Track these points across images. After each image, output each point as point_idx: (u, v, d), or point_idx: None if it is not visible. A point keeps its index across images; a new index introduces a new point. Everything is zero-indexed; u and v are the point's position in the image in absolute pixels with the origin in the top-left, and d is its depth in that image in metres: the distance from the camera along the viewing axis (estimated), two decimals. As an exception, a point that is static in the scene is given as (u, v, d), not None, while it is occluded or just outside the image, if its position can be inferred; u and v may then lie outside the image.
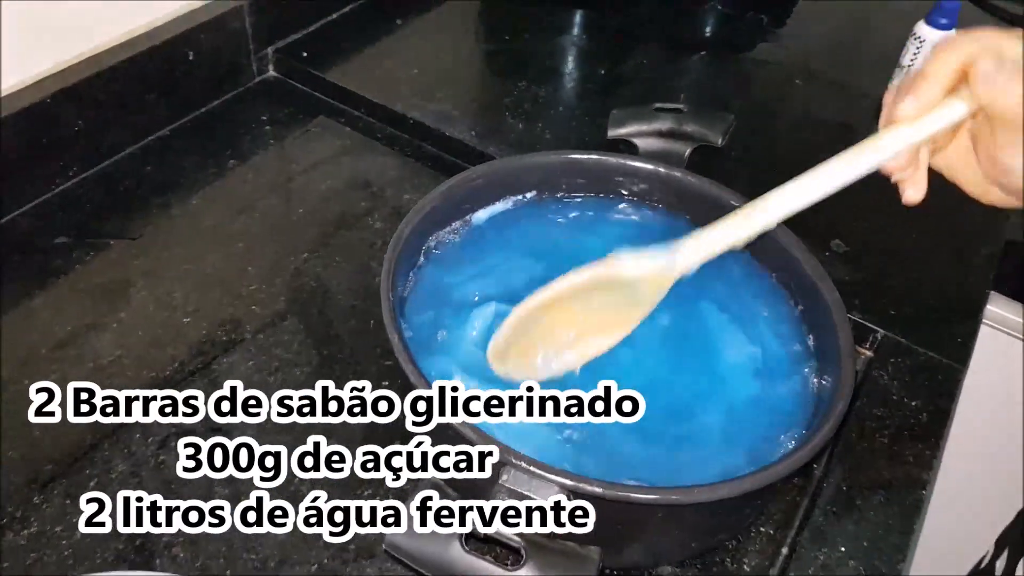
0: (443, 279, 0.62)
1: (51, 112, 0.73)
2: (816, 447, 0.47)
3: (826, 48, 1.07)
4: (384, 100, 0.89)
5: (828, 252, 0.75)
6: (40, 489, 0.56)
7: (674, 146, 0.70)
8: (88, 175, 0.79)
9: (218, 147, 0.84)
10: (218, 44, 0.86)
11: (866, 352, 0.69)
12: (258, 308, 0.69)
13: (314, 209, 0.79)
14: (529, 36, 1.04)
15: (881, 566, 0.55)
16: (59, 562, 0.53)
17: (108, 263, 0.71)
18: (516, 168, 0.66)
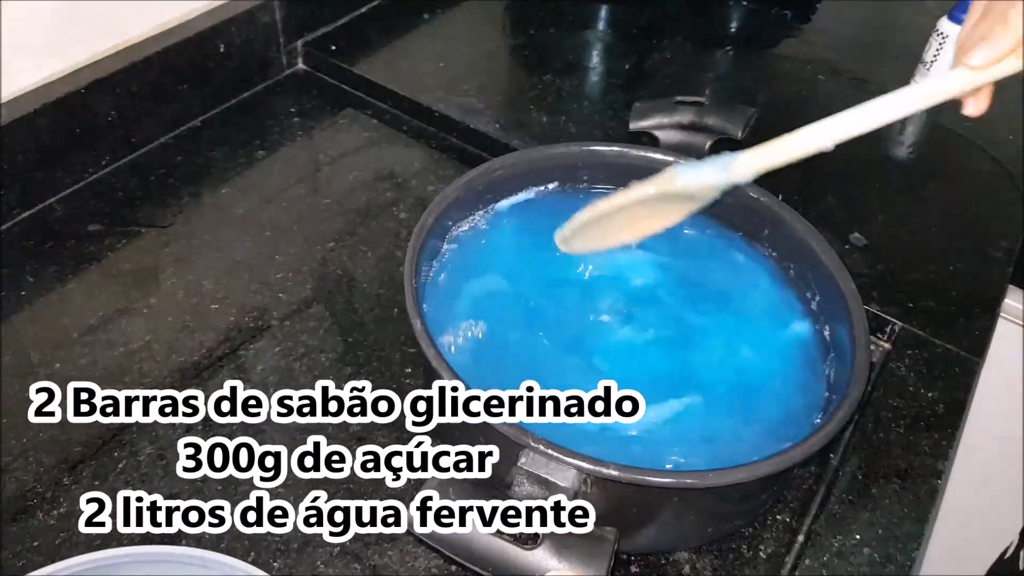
0: (466, 268, 0.63)
1: (85, 102, 0.75)
2: (830, 433, 0.48)
3: (850, 44, 1.07)
4: (410, 93, 0.90)
5: (847, 245, 0.76)
6: (70, 470, 0.58)
7: (695, 139, 0.71)
8: (121, 164, 0.81)
9: (248, 138, 0.86)
10: (249, 37, 0.88)
11: (883, 344, 0.70)
12: (285, 296, 0.71)
13: (341, 199, 0.80)
14: (555, 30, 1.05)
15: (896, 554, 0.56)
16: (87, 541, 0.54)
17: (139, 250, 0.73)
18: (537, 159, 0.67)
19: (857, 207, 0.81)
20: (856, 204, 0.81)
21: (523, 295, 0.62)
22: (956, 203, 0.82)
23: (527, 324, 0.61)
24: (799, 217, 0.62)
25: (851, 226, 0.78)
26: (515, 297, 0.62)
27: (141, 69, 0.78)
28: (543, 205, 0.68)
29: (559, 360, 0.58)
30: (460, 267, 0.64)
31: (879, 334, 0.70)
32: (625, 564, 0.56)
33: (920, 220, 0.80)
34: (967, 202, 0.83)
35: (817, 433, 0.48)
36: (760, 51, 1.07)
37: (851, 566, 0.55)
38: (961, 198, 0.84)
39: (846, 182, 0.83)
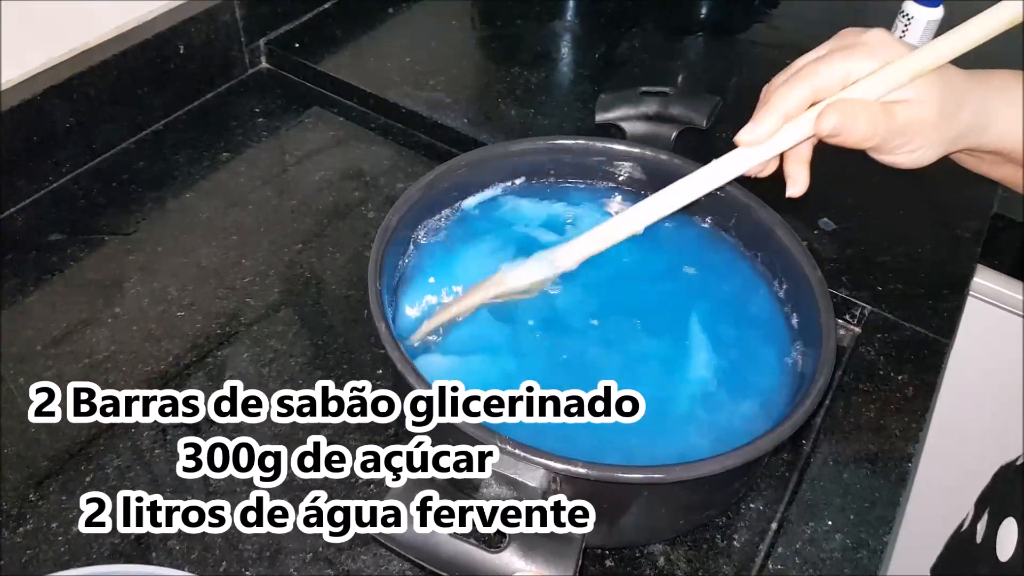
0: (432, 267, 0.63)
1: (43, 109, 0.74)
2: (796, 423, 0.48)
3: (818, 28, 1.06)
4: (377, 89, 0.90)
5: (817, 230, 0.76)
6: (36, 486, 0.57)
7: (661, 129, 0.70)
8: (81, 171, 0.80)
9: (211, 140, 0.85)
10: (209, 37, 0.87)
11: (853, 328, 0.70)
12: (253, 300, 0.70)
13: (308, 200, 0.79)
14: (522, 22, 1.04)
15: (868, 538, 0.56)
16: (55, 558, 0.53)
17: (103, 259, 0.72)
18: (502, 155, 0.66)
19: (826, 192, 0.80)
20: (825, 189, 0.81)
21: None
22: (925, 186, 0.82)
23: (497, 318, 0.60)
24: (764, 205, 0.62)
25: (820, 211, 0.78)
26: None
27: (99, 73, 0.77)
28: (510, 201, 0.68)
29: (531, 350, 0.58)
30: (427, 265, 0.63)
31: (848, 317, 0.70)
32: (599, 559, 0.56)
33: (889, 204, 0.80)
34: (936, 184, 0.83)
35: (784, 423, 0.48)
36: (730, 37, 1.07)
37: (823, 552, 0.55)
38: (930, 180, 0.84)
39: (815, 167, 0.82)
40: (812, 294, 0.56)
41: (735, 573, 0.55)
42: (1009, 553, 0.54)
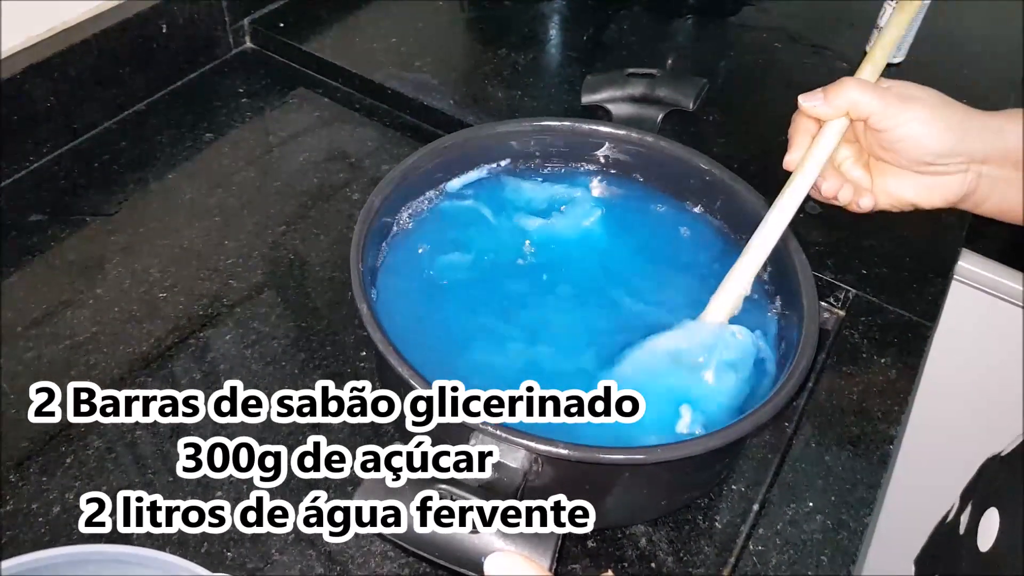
0: (416, 248, 0.63)
1: (23, 88, 0.73)
2: (778, 406, 0.48)
3: (807, 12, 1.06)
4: (362, 70, 0.89)
5: (802, 214, 0.75)
6: (16, 468, 0.57)
7: (647, 111, 0.70)
8: (63, 151, 0.79)
9: (195, 121, 0.84)
10: (192, 16, 0.86)
11: (837, 311, 0.70)
12: (235, 282, 0.69)
13: (292, 181, 0.79)
14: (510, 3, 1.03)
15: (849, 520, 0.56)
16: (36, 539, 0.53)
17: (84, 240, 0.72)
18: (486, 136, 0.66)
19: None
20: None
21: (475, 271, 0.62)
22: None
23: (480, 299, 0.60)
24: (751, 188, 0.62)
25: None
26: (467, 273, 0.62)
27: (80, 52, 0.76)
28: (495, 183, 0.67)
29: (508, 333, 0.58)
30: (410, 247, 0.63)
31: (832, 300, 0.70)
32: (581, 539, 0.56)
33: (875, 186, 0.80)
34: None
35: (765, 405, 0.48)
36: (719, 20, 1.06)
37: (804, 533, 0.56)
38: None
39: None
40: (796, 277, 0.56)
41: (716, 554, 0.55)
42: (990, 543, 0.54)
